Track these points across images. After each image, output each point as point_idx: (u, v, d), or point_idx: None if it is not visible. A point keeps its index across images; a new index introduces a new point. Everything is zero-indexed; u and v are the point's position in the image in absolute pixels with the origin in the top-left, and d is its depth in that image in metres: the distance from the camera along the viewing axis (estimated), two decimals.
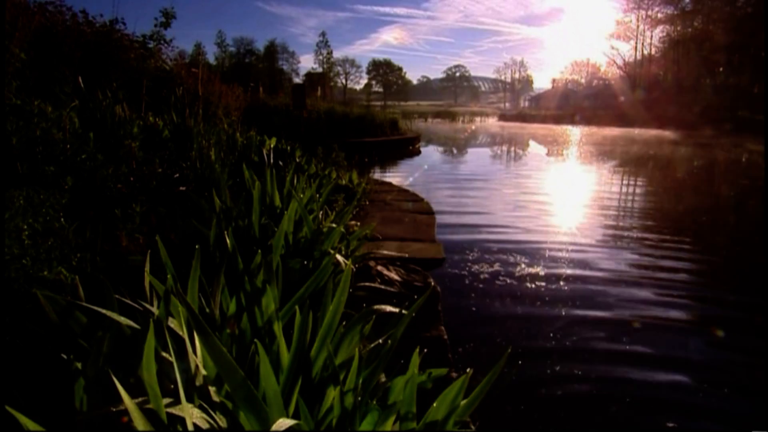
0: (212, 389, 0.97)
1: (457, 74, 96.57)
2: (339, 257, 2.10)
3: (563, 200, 6.38)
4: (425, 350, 1.24)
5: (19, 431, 0.75)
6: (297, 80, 55.39)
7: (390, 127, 13.92)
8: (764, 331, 2.46)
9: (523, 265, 3.24)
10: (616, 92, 42.94)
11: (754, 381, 2.01)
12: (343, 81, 67.22)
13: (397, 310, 1.41)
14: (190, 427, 0.80)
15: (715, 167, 10.61)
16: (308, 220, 2.31)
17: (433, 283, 2.58)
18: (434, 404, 1.04)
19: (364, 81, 72.73)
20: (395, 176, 7.98)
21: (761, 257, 3.72)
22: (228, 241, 1.71)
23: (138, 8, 6.72)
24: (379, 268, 2.56)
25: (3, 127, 2.04)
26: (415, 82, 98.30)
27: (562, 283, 2.95)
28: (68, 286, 1.34)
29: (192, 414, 0.85)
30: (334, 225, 2.45)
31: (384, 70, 75.48)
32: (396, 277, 2.55)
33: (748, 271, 3.53)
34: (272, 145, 4.65)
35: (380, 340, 1.25)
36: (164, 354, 0.96)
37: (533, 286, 2.88)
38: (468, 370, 1.05)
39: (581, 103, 46.90)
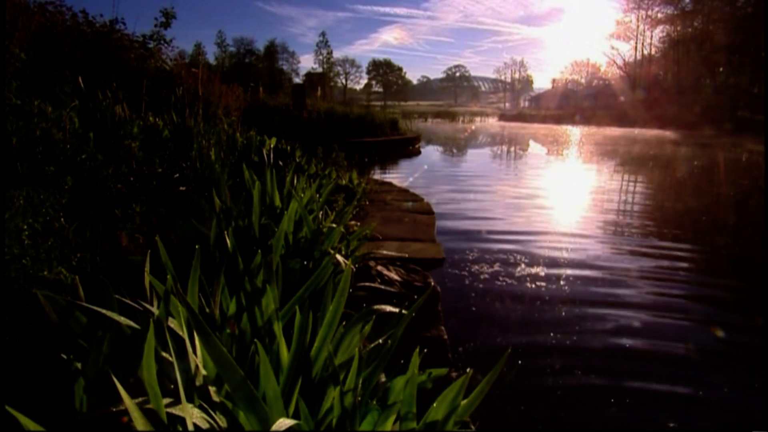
0: (212, 389, 0.97)
1: (457, 74, 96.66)
2: (339, 257, 2.10)
3: (564, 199, 6.37)
4: (425, 350, 1.24)
5: (19, 431, 0.75)
6: (297, 80, 55.55)
7: (390, 127, 13.93)
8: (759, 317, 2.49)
9: (523, 265, 3.24)
10: (616, 92, 43.00)
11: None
12: (343, 81, 67.30)
13: (397, 310, 1.41)
14: (190, 427, 0.80)
15: (715, 167, 10.61)
16: (308, 220, 2.31)
17: (433, 283, 2.58)
18: (434, 404, 1.04)
19: (364, 81, 72.88)
20: (395, 176, 7.98)
21: (759, 252, 3.74)
22: (228, 241, 1.71)
23: (138, 8, 6.71)
24: (379, 268, 2.56)
25: (3, 127, 2.04)
26: (415, 82, 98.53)
27: (562, 282, 2.94)
28: (68, 286, 1.34)
29: (192, 414, 0.85)
30: (334, 225, 2.45)
31: (384, 70, 75.54)
32: (396, 277, 2.55)
33: (746, 266, 3.55)
34: (272, 145, 4.65)
35: (380, 340, 1.24)
36: (164, 354, 0.96)
37: (533, 285, 2.88)
38: (468, 370, 1.05)
39: (581, 103, 46.95)
